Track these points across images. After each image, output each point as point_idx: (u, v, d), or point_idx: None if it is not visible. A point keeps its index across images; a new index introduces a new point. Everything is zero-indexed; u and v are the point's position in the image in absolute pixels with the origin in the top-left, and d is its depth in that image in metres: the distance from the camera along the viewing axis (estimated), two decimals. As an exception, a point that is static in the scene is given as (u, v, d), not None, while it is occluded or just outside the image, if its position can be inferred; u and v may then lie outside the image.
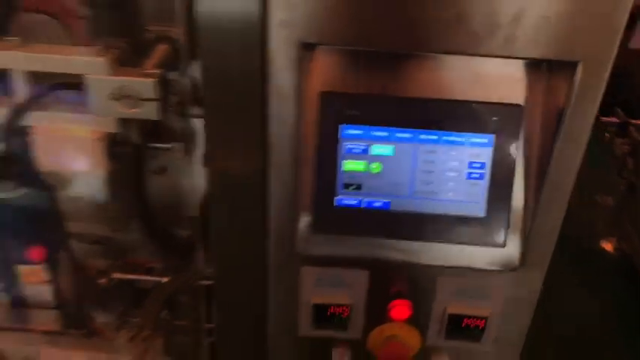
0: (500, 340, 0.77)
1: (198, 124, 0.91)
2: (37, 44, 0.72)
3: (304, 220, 0.71)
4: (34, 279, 0.89)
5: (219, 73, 0.63)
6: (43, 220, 0.85)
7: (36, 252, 0.84)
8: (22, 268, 0.88)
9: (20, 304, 1.02)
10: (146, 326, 0.99)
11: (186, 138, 0.93)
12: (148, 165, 0.90)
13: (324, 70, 0.65)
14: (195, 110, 0.88)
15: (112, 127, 0.77)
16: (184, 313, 1.06)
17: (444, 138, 0.67)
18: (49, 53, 0.73)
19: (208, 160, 0.70)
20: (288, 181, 0.68)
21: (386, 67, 0.64)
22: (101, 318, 1.01)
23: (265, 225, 0.71)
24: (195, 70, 0.83)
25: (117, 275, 1.00)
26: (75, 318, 0.97)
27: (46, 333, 1.01)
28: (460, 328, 0.76)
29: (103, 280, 1.00)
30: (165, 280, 1.00)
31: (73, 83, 0.73)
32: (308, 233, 0.71)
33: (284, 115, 0.65)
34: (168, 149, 0.90)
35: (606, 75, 0.60)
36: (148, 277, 1.02)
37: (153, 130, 0.86)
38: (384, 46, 0.61)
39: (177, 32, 0.81)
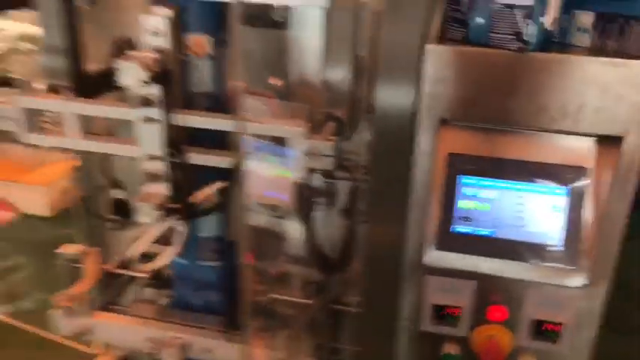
0: (574, 344, 1.03)
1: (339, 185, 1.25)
2: (261, 118, 1.12)
3: (430, 242, 1.02)
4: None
5: (384, 145, 0.98)
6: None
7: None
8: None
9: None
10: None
11: (330, 195, 1.28)
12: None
13: (452, 137, 0.98)
14: (340, 174, 1.22)
15: (301, 174, 1.14)
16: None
17: (533, 188, 0.98)
18: (263, 124, 1.11)
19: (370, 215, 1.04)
20: (421, 214, 1.01)
21: (495, 137, 0.97)
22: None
23: (403, 244, 1.03)
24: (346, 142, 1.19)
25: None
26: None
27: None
28: (542, 331, 1.03)
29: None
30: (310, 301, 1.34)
31: (279, 139, 1.11)
32: (432, 251, 1.03)
33: (423, 169, 0.98)
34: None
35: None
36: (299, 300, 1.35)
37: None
38: (495, 124, 0.94)
39: (342, 113, 1.18)
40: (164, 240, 1.39)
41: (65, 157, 1.35)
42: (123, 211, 1.47)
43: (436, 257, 1.02)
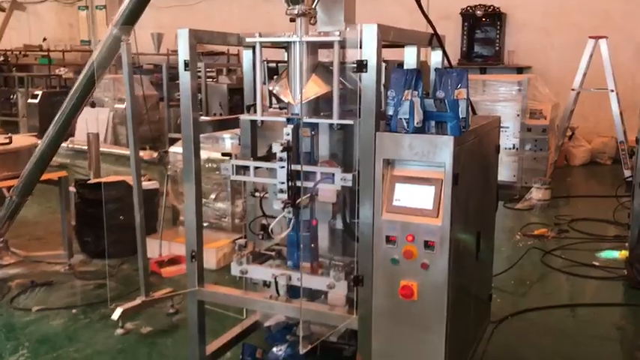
0: (440, 250, 2.51)
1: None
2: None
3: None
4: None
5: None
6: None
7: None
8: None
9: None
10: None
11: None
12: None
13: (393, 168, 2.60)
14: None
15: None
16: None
17: (421, 183, 2.55)
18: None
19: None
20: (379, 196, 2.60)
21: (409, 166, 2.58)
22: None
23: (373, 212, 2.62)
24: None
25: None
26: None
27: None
28: (428, 246, 2.53)
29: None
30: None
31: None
32: (385, 213, 2.59)
33: (379, 178, 2.59)
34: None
35: None
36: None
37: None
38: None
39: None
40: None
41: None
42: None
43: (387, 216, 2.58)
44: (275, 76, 3.14)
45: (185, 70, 2.86)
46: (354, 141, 2.83)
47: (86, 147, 7.08)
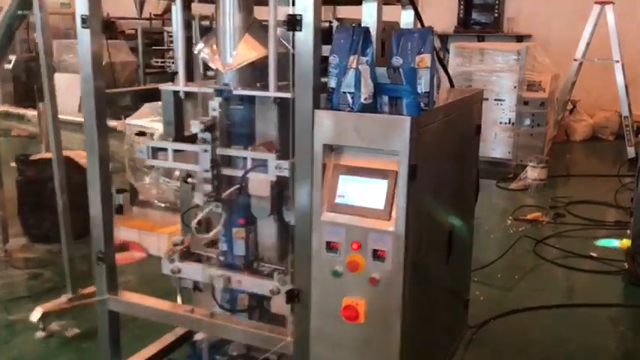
0: (393, 262, 1.96)
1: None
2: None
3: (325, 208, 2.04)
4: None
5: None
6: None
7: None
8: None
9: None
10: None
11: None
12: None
13: (336, 155, 2.03)
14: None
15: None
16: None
17: (366, 180, 1.99)
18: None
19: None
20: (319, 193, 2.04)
21: (352, 153, 2.00)
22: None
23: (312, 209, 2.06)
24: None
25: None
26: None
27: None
28: (377, 256, 1.97)
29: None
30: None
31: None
32: (326, 212, 2.04)
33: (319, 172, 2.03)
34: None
35: None
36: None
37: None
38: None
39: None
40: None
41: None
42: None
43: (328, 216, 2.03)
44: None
45: (83, 26, 2.28)
46: (296, 120, 2.25)
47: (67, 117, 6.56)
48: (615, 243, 4.88)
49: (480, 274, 4.17)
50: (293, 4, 1.92)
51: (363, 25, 2.44)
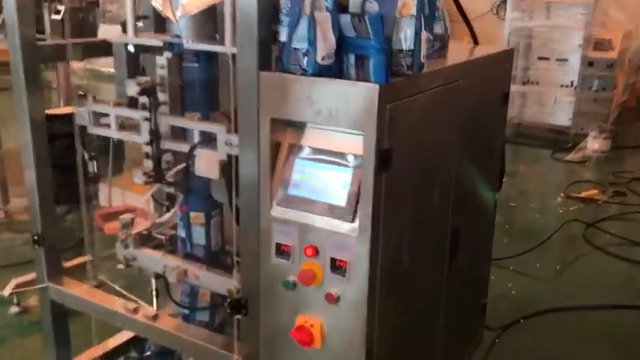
0: (355, 277, 1.48)
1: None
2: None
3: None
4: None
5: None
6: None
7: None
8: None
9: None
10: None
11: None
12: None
13: (289, 132, 1.55)
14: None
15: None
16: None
17: (331, 167, 1.50)
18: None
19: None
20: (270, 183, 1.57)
21: (304, 132, 1.52)
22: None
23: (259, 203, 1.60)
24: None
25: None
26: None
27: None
28: (336, 267, 1.49)
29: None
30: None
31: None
32: (276, 207, 1.57)
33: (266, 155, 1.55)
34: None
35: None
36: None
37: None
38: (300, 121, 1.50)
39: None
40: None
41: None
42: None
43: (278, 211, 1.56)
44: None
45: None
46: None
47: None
48: (684, 231, 4.21)
49: (516, 262, 3.65)
50: None
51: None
